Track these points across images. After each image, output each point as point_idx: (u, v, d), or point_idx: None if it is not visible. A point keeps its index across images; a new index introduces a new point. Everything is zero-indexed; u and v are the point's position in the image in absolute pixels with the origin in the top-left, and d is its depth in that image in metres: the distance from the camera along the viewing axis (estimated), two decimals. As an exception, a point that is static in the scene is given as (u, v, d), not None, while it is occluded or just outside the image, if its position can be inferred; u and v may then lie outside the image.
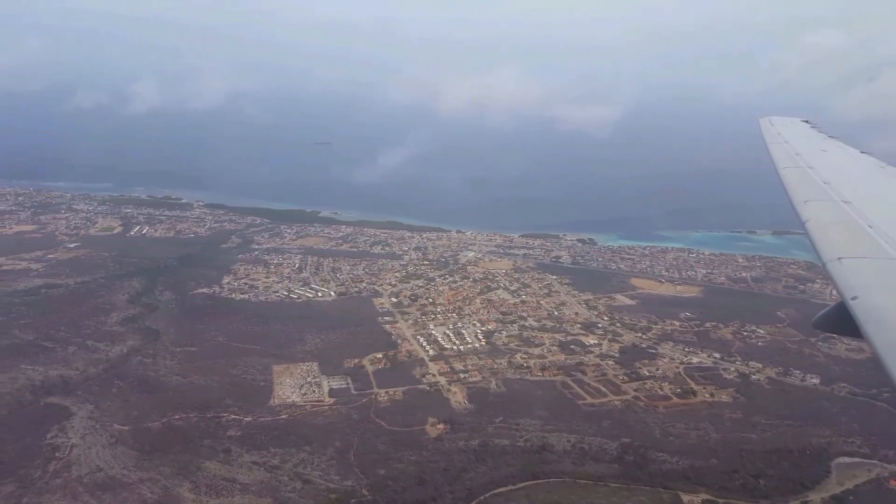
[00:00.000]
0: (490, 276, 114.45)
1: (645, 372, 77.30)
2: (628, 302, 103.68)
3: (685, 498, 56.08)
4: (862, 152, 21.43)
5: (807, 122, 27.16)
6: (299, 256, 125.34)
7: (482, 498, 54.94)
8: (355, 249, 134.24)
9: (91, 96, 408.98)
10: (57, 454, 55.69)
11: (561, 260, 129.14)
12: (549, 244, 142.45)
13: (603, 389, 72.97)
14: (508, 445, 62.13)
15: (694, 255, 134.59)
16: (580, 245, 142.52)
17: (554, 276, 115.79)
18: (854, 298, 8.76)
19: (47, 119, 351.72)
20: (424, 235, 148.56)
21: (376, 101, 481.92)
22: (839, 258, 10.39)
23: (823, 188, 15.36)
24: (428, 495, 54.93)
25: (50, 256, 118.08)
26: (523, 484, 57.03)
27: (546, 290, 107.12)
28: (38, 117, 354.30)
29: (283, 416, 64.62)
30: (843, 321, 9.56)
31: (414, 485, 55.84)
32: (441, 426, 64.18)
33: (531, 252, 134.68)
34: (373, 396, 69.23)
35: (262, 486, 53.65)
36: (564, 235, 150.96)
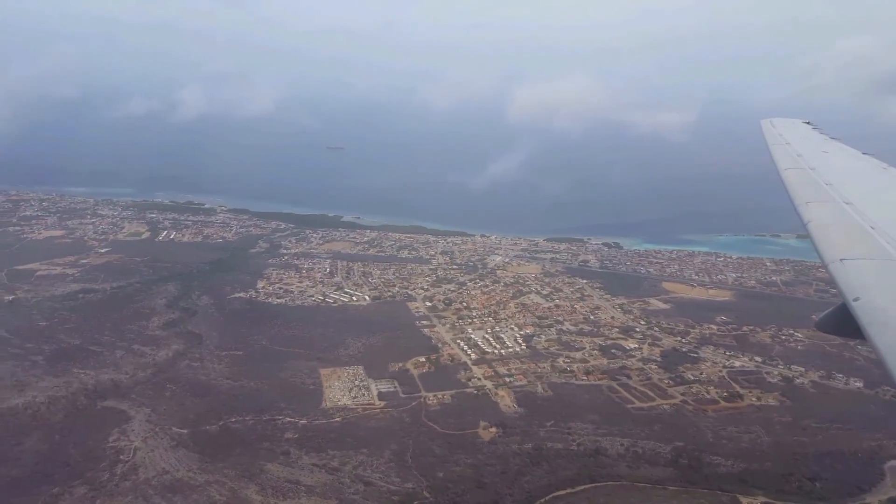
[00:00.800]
0: (521, 281, 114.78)
1: (689, 376, 77.47)
2: (662, 306, 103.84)
3: (744, 500, 56.26)
4: (863, 153, 21.48)
5: (808, 123, 27.33)
6: (329, 261, 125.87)
7: (542, 501, 55.19)
8: (382, 254, 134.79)
9: (114, 104, 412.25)
10: (121, 457, 56.18)
11: (589, 264, 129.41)
12: (574, 248, 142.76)
13: (650, 393, 73.11)
14: (562, 449, 62.36)
15: (722, 259, 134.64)
16: (606, 249, 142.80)
17: (584, 280, 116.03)
18: (856, 300, 8.76)
19: (69, 126, 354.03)
20: (449, 240, 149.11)
21: (420, 107, 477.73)
22: (841, 259, 10.35)
23: (825, 189, 15.34)
24: (489, 498, 55.21)
25: (83, 261, 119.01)
26: (581, 487, 57.25)
27: (579, 295, 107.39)
28: (54, 124, 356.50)
29: (337, 419, 65.06)
30: (845, 322, 9.52)
31: (473, 487, 56.13)
32: (493, 429, 64.51)
33: (558, 256, 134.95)
34: (422, 400, 69.60)
35: (326, 488, 54.07)
36: (589, 239, 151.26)
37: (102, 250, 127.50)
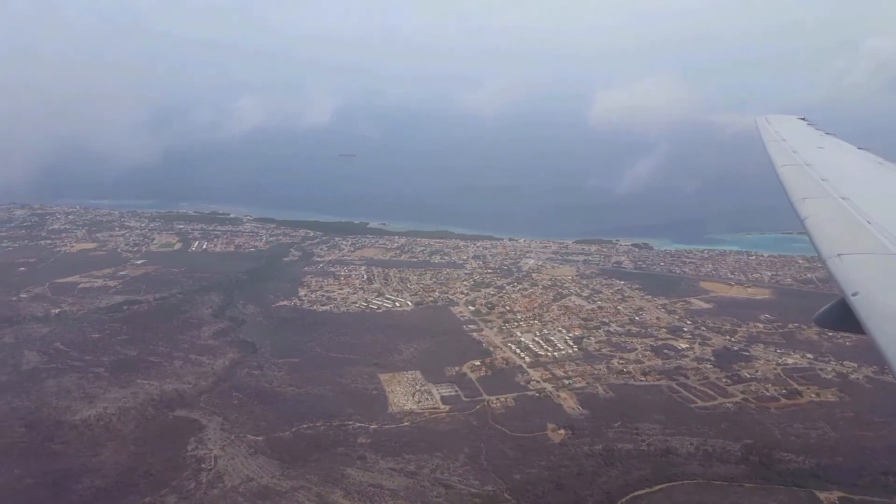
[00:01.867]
0: (558, 283, 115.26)
1: (745, 374, 77.80)
2: (705, 305, 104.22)
3: (821, 496, 56.46)
4: (859, 148, 21.49)
5: (803, 119, 27.41)
6: (364, 267, 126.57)
7: (623, 501, 55.44)
8: (415, 259, 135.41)
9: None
10: (203, 465, 56.71)
11: (623, 265, 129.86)
12: (605, 250, 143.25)
13: (710, 392, 73.46)
14: (633, 449, 62.69)
15: (754, 258, 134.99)
16: (637, 250, 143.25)
17: (622, 282, 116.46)
18: (855, 294, 8.79)
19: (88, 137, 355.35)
20: (479, 244, 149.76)
21: (465, 114, 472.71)
22: (839, 255, 10.35)
23: (821, 185, 15.34)
24: (568, 499, 55.61)
25: (121, 273, 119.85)
26: (659, 487, 57.56)
27: (619, 296, 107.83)
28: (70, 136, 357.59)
29: (406, 424, 65.53)
30: (844, 317, 9.52)
31: (552, 489, 56.52)
32: (562, 431, 64.94)
33: (590, 258, 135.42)
34: (485, 403, 70.07)
35: (408, 492, 54.55)
36: (617, 241, 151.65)
37: (138, 262, 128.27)
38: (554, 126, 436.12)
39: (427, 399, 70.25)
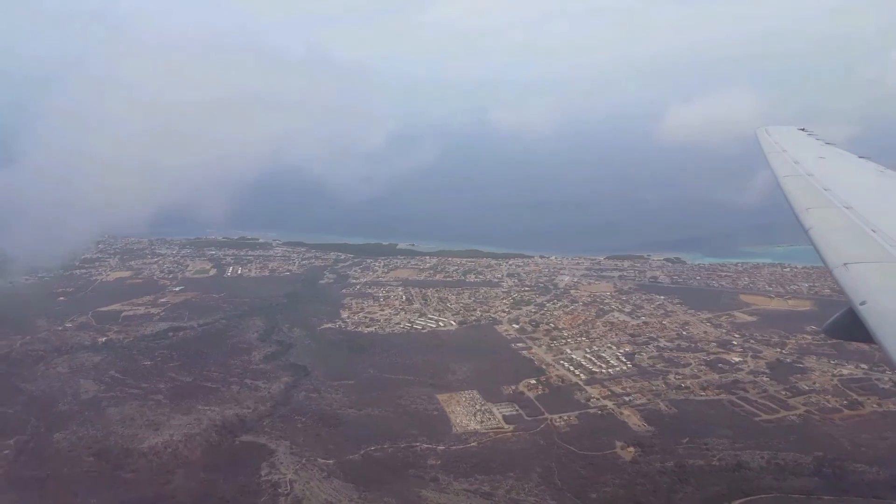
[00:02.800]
0: (598, 299, 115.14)
1: (803, 386, 77.25)
2: (749, 318, 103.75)
3: (903, 508, 55.64)
4: (860, 157, 21.36)
5: (803, 129, 27.40)
6: (401, 288, 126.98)
7: (703, 517, 54.86)
8: (450, 279, 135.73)
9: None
10: (280, 490, 56.79)
11: (659, 280, 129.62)
12: (638, 265, 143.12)
13: (772, 405, 72.95)
14: (704, 465, 62.19)
15: (788, 270, 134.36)
16: (670, 265, 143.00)
17: (662, 297, 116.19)
18: (863, 303, 8.74)
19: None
20: (510, 262, 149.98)
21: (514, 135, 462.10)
22: (845, 264, 10.34)
23: (824, 195, 15.32)
24: (649, 516, 54.98)
25: (162, 301, 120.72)
26: (737, 502, 56.96)
27: (662, 311, 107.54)
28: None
29: (473, 444, 65.37)
30: (853, 326, 9.51)
31: (631, 507, 55.96)
32: (631, 449, 64.51)
33: (625, 273, 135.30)
34: (549, 422, 69.85)
35: (487, 514, 54.12)
36: (649, 256, 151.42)
37: (177, 289, 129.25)
38: (617, 142, 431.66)
39: (489, 419, 70.04)
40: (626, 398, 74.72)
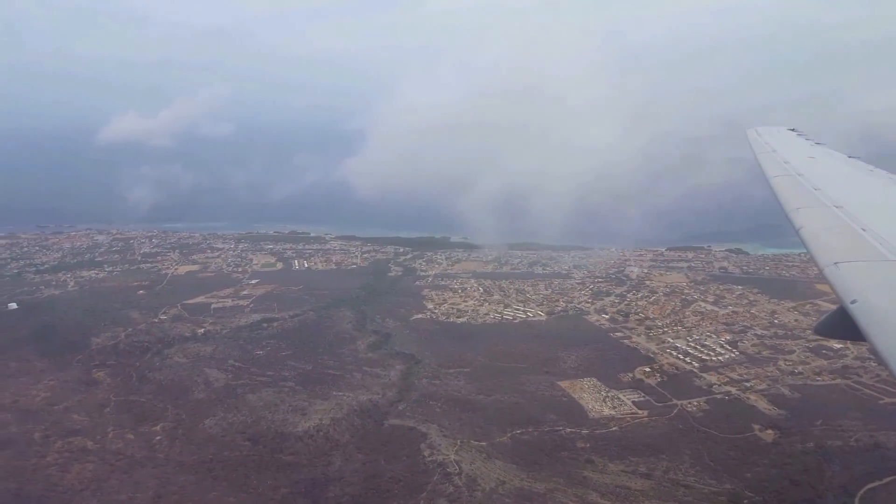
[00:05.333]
0: (676, 290, 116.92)
1: (915, 371, 78.82)
2: (833, 306, 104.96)
3: None
4: (849, 157, 21.87)
5: (793, 130, 27.90)
6: (473, 280, 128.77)
7: (861, 492, 56.79)
8: (518, 271, 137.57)
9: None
10: (449, 470, 58.59)
11: (729, 271, 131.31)
12: (702, 256, 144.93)
13: (891, 389, 74.67)
14: (843, 446, 64.02)
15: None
16: (734, 255, 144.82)
17: (739, 287, 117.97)
18: (853, 302, 8.87)
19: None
20: (572, 254, 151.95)
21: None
22: (836, 263, 10.43)
23: (814, 195, 15.50)
24: (808, 494, 57.07)
25: (243, 293, 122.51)
26: (889, 479, 58.77)
27: (746, 301, 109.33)
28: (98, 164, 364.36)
29: (615, 428, 67.23)
30: (844, 325, 9.60)
31: (788, 486, 57.94)
32: (770, 431, 66.34)
33: (692, 265, 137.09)
34: (681, 407, 71.56)
35: (655, 492, 56.16)
36: (710, 247, 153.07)
37: (252, 282, 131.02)
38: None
39: (620, 405, 71.90)
40: (746, 384, 76.23)
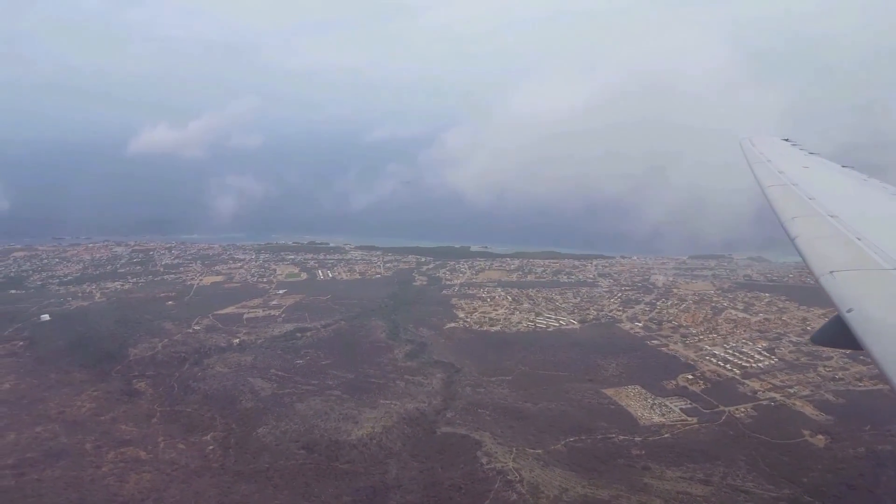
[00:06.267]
0: (705, 298, 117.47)
1: (957, 377, 79.19)
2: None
3: None
4: (843, 166, 21.89)
5: (787, 140, 28.03)
6: (500, 289, 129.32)
7: (921, 499, 57.06)
8: (543, 280, 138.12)
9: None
10: (508, 477, 58.92)
11: (753, 279, 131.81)
12: (725, 264, 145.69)
13: (936, 395, 75.02)
14: (894, 450, 64.36)
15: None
16: (757, 264, 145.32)
17: (767, 294, 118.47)
18: (849, 311, 8.90)
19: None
20: (595, 262, 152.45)
21: None
22: (831, 272, 10.45)
23: (809, 204, 15.51)
24: (868, 499, 57.27)
25: (272, 303, 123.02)
26: (944, 485, 59.02)
27: (776, 308, 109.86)
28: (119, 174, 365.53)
29: (666, 435, 67.55)
30: (841, 334, 9.59)
31: (847, 490, 58.26)
32: (821, 437, 66.68)
33: (716, 272, 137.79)
34: (729, 413, 71.94)
35: (717, 498, 56.46)
36: (731, 255, 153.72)
37: (279, 292, 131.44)
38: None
39: (669, 412, 72.30)
40: (790, 390, 76.61)
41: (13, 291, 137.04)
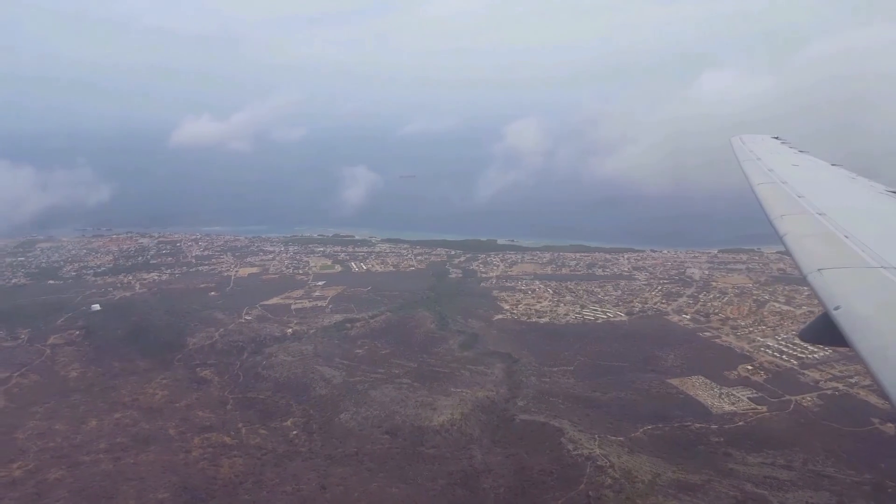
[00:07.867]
0: (745, 291, 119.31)
1: None
2: None
3: None
4: (832, 165, 22.18)
5: (777, 138, 28.34)
6: (538, 282, 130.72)
7: None
8: (579, 273, 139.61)
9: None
10: (599, 463, 60.43)
11: (787, 272, 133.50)
12: (756, 258, 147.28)
13: None
14: (966, 438, 66.25)
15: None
16: (787, 257, 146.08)
17: (806, 287, 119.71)
18: (837, 308, 8.90)
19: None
20: (626, 256, 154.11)
21: None
22: (819, 269, 10.48)
23: (798, 202, 15.51)
24: (948, 485, 59.07)
25: (315, 294, 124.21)
26: None
27: (816, 301, 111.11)
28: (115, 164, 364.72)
29: (740, 423, 69.24)
30: (828, 331, 9.63)
31: (925, 476, 60.01)
32: (891, 424, 68.49)
33: (749, 266, 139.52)
34: (796, 402, 73.69)
35: (803, 483, 58.21)
36: (759, 249, 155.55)
37: (319, 283, 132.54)
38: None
39: (738, 401, 73.96)
40: (851, 380, 78.42)
41: (51, 282, 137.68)
